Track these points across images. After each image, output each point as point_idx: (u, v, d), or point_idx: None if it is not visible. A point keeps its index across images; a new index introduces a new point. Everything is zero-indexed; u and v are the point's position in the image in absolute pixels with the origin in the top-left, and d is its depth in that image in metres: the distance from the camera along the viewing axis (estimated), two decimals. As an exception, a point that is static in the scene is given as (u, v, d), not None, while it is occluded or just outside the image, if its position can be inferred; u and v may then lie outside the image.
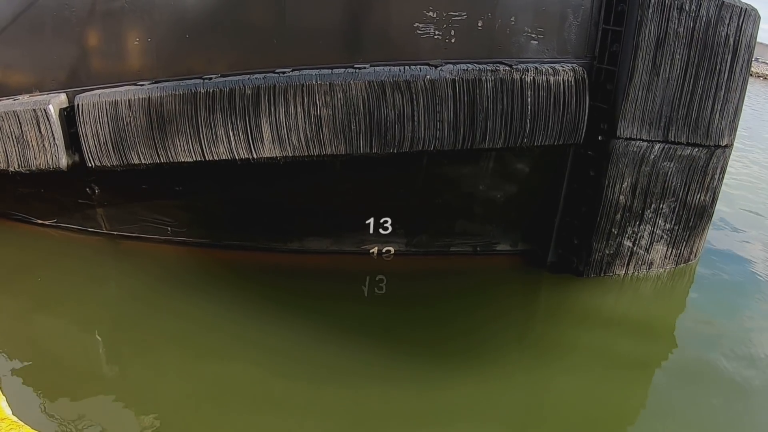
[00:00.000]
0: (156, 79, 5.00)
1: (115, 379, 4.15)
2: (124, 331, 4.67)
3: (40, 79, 5.29)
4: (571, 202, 5.48)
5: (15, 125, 5.12)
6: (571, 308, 5.26)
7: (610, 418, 4.04)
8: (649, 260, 5.67)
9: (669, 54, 4.84)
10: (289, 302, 5.03)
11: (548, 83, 4.72)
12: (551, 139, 4.87)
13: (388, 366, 4.31)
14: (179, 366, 4.31)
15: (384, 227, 5.66)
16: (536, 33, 4.88)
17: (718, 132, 5.23)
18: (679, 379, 4.44)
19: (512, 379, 4.32)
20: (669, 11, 4.72)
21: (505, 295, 5.54)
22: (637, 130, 5.03)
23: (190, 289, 5.23)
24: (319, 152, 4.80)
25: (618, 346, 4.80)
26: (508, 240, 5.95)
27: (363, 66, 4.75)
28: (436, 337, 4.71)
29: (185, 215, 5.76)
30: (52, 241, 6.02)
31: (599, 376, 4.43)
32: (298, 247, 5.86)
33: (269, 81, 4.67)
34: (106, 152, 5.02)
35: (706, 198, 5.54)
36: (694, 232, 5.71)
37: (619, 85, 4.94)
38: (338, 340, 4.55)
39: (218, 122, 4.77)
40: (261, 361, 4.37)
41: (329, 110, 4.67)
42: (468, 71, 4.66)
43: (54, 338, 4.60)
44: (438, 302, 5.26)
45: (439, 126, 4.73)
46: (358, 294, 5.41)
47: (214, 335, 4.62)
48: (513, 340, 4.89)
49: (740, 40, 4.97)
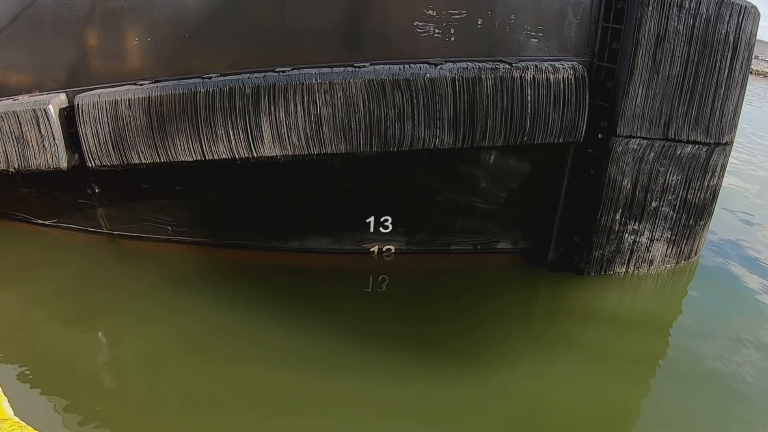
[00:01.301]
0: (156, 79, 5.00)
1: (116, 379, 4.15)
2: (126, 331, 4.68)
3: (40, 79, 5.29)
4: (571, 200, 5.48)
5: (15, 125, 5.12)
6: (572, 306, 5.26)
7: (611, 415, 4.04)
8: (649, 258, 5.67)
9: (669, 51, 4.84)
10: (290, 301, 5.03)
11: (548, 81, 4.72)
12: (551, 138, 4.87)
13: (389, 364, 4.31)
14: (181, 365, 4.31)
15: (384, 226, 5.66)
16: (536, 31, 4.87)
17: (719, 129, 5.22)
18: (680, 376, 4.43)
19: (513, 376, 4.32)
20: (669, 9, 4.72)
21: (505, 293, 5.54)
22: (637, 128, 5.03)
23: (191, 288, 5.24)
24: (319, 151, 4.80)
25: (619, 344, 4.80)
26: (509, 238, 5.95)
27: (363, 65, 4.75)
28: (436, 336, 4.72)
29: (185, 214, 5.77)
30: (52, 241, 6.03)
31: (600, 373, 4.43)
32: (299, 246, 5.87)
33: (269, 80, 4.67)
34: (106, 152, 5.03)
35: (707, 195, 5.54)
36: (695, 230, 5.71)
37: (619, 82, 4.93)
38: (339, 338, 4.56)
39: (218, 121, 4.77)
40: (261, 359, 4.38)
41: (329, 109, 4.67)
42: (468, 69, 4.66)
43: (55, 338, 4.61)
44: (438, 300, 5.27)
45: (439, 124, 4.73)
46: (359, 292, 5.41)
47: (214, 334, 4.62)
48: (514, 338, 4.89)
49: (740, 37, 4.96)
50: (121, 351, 4.49)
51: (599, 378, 4.38)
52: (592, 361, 4.57)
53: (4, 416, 3.40)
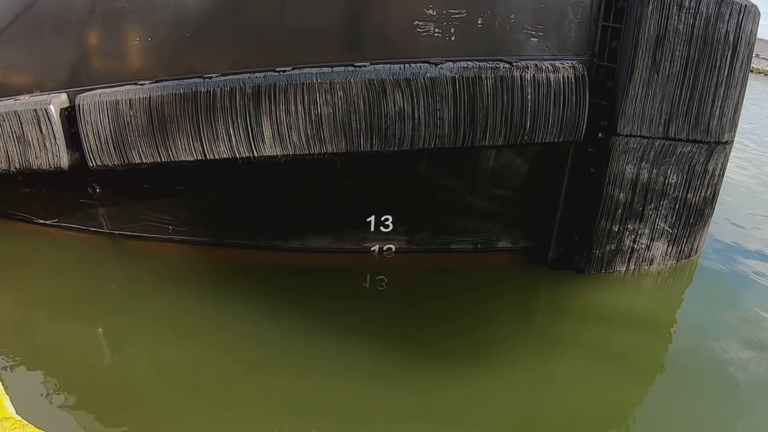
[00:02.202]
0: (156, 79, 5.01)
1: (118, 378, 4.16)
2: (127, 330, 4.69)
3: (41, 79, 5.30)
4: (571, 199, 5.49)
5: (16, 125, 5.14)
6: (572, 305, 5.27)
7: (612, 414, 4.04)
8: (649, 257, 5.68)
9: (669, 51, 4.84)
10: (291, 300, 5.04)
11: (548, 80, 4.73)
12: (551, 137, 4.87)
13: (389, 363, 4.32)
14: (182, 364, 4.32)
15: (385, 225, 5.67)
16: (536, 30, 4.88)
17: (719, 128, 5.23)
18: (679, 375, 4.44)
19: (514, 375, 4.33)
20: (669, 8, 4.72)
21: (506, 292, 5.55)
22: (637, 127, 5.04)
23: (192, 288, 5.25)
24: (320, 150, 4.81)
25: (619, 343, 4.81)
26: (509, 237, 5.96)
27: (363, 64, 4.76)
28: (437, 335, 4.73)
29: (186, 214, 5.78)
30: (53, 241, 6.04)
31: (600, 372, 4.44)
32: (299, 246, 5.87)
33: (270, 80, 4.68)
34: (107, 152, 5.04)
35: (707, 194, 5.54)
36: (695, 229, 5.72)
37: (619, 82, 4.94)
38: (340, 338, 4.56)
39: (219, 121, 4.78)
40: (263, 359, 4.39)
41: (330, 108, 4.68)
42: (468, 69, 4.67)
43: (57, 338, 4.62)
44: (439, 300, 5.28)
45: (440, 124, 4.73)
46: (359, 292, 5.42)
47: (215, 334, 4.63)
48: (514, 336, 4.90)
49: (740, 36, 4.97)
50: (122, 350, 4.50)
51: (600, 376, 4.39)
52: (592, 360, 4.57)
53: (6, 415, 3.42)
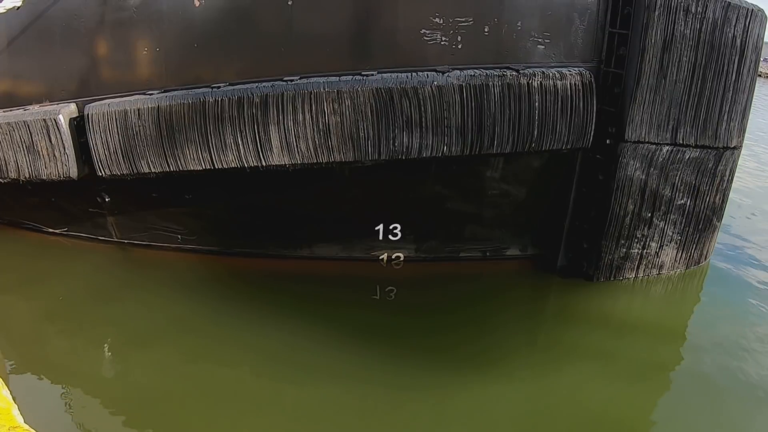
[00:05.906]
0: (165, 88, 5.03)
1: (126, 388, 4.16)
2: (136, 340, 4.69)
3: (50, 89, 5.34)
4: (580, 206, 5.47)
5: (26, 135, 5.18)
6: (582, 312, 5.24)
7: (622, 422, 4.01)
8: (659, 263, 5.65)
9: (676, 56, 4.83)
10: (300, 309, 5.04)
11: (555, 88, 4.72)
12: (559, 144, 4.86)
13: (398, 372, 4.30)
14: (191, 374, 4.31)
15: (393, 233, 5.66)
16: (543, 37, 4.88)
17: (727, 133, 5.20)
18: (690, 383, 4.40)
19: (523, 384, 4.31)
20: (675, 13, 4.71)
21: (514, 299, 5.53)
22: (645, 133, 5.02)
23: (201, 296, 5.26)
24: (328, 159, 4.81)
25: (629, 350, 4.78)
26: (518, 244, 5.94)
27: (370, 73, 4.76)
28: (446, 343, 4.71)
29: (195, 223, 5.79)
30: (62, 250, 6.07)
31: (611, 381, 4.40)
32: (308, 254, 5.88)
33: (277, 89, 4.69)
34: (116, 161, 5.06)
35: (716, 199, 5.52)
36: (704, 234, 5.69)
37: (626, 88, 4.93)
38: (348, 346, 4.56)
39: (227, 130, 4.79)
40: (271, 368, 4.39)
41: (337, 117, 4.69)
42: (475, 77, 4.67)
43: (65, 347, 4.63)
44: (447, 308, 5.26)
45: (447, 132, 4.73)
46: (368, 300, 5.41)
47: (225, 344, 4.63)
48: (523, 344, 4.88)
49: (747, 41, 4.96)
50: (131, 361, 4.50)
51: (610, 385, 4.36)
52: (602, 367, 4.54)
53: (14, 424, 3.42)
